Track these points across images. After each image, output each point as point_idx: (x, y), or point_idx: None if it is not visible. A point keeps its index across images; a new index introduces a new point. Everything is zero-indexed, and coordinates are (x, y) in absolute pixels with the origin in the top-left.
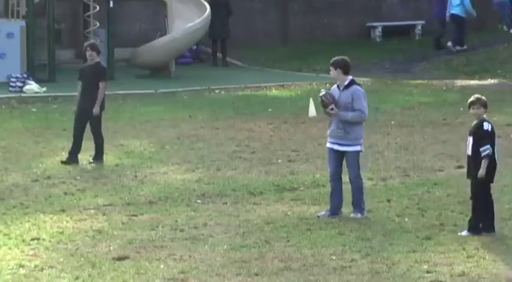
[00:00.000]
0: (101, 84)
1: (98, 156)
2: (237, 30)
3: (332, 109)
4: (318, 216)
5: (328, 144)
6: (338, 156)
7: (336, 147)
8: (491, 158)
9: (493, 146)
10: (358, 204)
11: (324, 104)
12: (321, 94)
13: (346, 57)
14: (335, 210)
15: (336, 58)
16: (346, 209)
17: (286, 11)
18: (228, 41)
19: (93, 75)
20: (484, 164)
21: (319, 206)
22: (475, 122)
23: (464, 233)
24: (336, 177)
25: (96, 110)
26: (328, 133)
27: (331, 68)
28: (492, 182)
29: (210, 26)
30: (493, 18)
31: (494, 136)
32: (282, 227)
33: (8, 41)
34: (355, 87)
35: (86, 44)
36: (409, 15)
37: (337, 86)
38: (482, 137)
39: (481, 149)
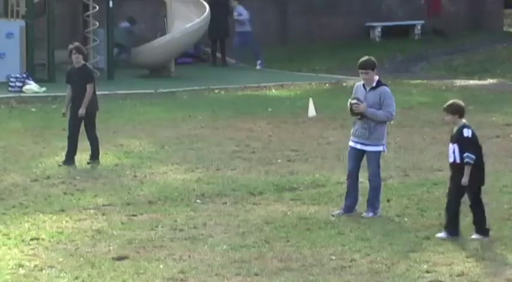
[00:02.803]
0: (89, 87)
1: (94, 156)
2: None
3: (357, 104)
4: (333, 216)
5: (350, 143)
6: (359, 155)
7: (359, 146)
8: (476, 163)
9: (474, 151)
10: (372, 203)
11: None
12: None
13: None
14: (349, 208)
15: (369, 60)
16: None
17: (285, 10)
18: (227, 41)
19: (82, 78)
20: (466, 170)
21: (319, 206)
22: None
23: (442, 234)
24: (354, 175)
25: (81, 111)
26: (351, 132)
27: (368, 71)
28: (462, 186)
29: (209, 26)
30: (492, 18)
31: (476, 141)
32: (281, 227)
33: (8, 41)
34: (383, 87)
35: (70, 47)
36: (408, 15)
37: (363, 85)
38: (464, 143)
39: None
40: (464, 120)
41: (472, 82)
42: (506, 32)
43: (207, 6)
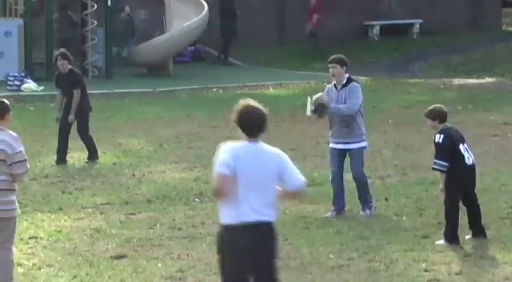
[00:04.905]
0: (75, 92)
1: (92, 155)
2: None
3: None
4: (327, 217)
5: (331, 145)
6: (341, 156)
7: (341, 146)
8: (456, 167)
9: (446, 157)
10: (365, 200)
11: (322, 108)
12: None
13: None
14: (340, 210)
15: (338, 56)
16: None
17: (284, 10)
18: (232, 40)
19: (69, 83)
20: (441, 177)
21: (317, 204)
22: None
23: (441, 242)
24: (339, 176)
25: (71, 118)
26: (330, 134)
27: (335, 65)
28: (458, 190)
29: (221, 27)
30: (491, 18)
31: (448, 147)
32: (279, 226)
33: (6, 40)
34: (352, 83)
35: (56, 53)
36: (407, 14)
37: (334, 85)
38: (435, 149)
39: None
40: (443, 125)
41: (470, 81)
42: (505, 31)
43: (206, 5)
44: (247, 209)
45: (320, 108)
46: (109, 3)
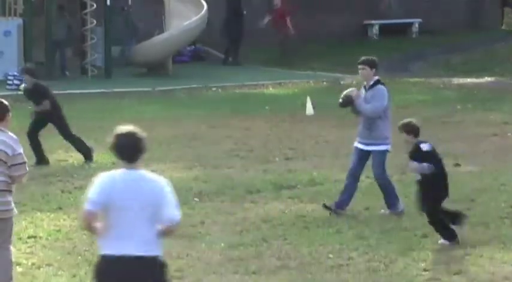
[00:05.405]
0: (44, 102)
1: (87, 155)
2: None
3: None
4: (325, 206)
5: (354, 143)
6: (362, 155)
7: (361, 146)
8: (442, 176)
9: (433, 162)
10: (392, 204)
11: (347, 100)
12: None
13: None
14: (341, 204)
15: (369, 58)
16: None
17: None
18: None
19: (35, 97)
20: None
21: (317, 204)
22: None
23: (442, 241)
24: (352, 175)
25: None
26: (357, 133)
27: (365, 66)
28: (442, 198)
29: (225, 28)
30: (491, 18)
31: (436, 153)
32: (279, 225)
33: (5, 39)
34: (378, 85)
35: (19, 68)
36: (406, 13)
37: (364, 86)
38: (425, 157)
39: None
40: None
41: (470, 80)
42: (505, 31)
43: (205, 4)
44: (125, 241)
45: (347, 100)
46: (108, 2)
